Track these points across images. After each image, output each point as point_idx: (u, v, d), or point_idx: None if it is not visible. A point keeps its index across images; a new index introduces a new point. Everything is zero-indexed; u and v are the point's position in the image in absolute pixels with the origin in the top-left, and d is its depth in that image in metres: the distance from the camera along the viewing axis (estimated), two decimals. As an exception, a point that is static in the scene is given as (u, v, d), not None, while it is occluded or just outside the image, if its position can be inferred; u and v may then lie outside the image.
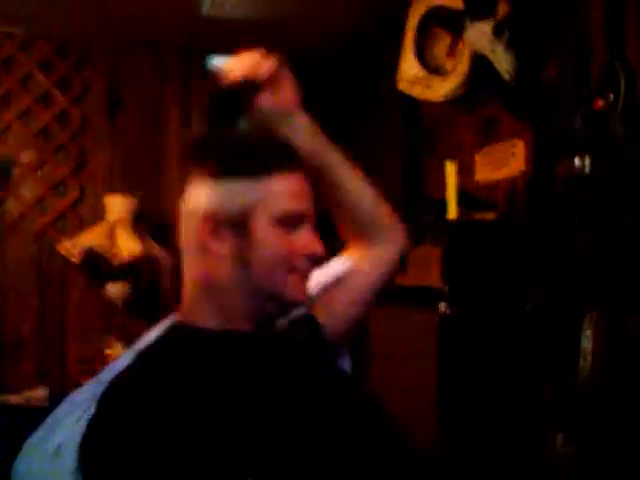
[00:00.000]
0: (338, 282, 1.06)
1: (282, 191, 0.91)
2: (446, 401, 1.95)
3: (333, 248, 1.06)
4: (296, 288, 0.93)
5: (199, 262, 0.92)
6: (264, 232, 0.89)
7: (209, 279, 0.91)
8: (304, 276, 0.94)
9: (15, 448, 1.21)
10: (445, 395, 1.94)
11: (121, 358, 0.94)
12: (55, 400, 1.01)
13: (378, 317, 2.16)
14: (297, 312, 1.01)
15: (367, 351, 2.20)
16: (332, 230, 1.07)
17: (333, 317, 1.04)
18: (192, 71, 3.31)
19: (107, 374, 0.91)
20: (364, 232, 1.08)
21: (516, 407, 1.83)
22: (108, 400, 0.83)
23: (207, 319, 0.91)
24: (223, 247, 0.89)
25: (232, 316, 0.91)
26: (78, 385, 1.03)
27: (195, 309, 0.93)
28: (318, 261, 0.95)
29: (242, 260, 0.90)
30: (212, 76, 0.97)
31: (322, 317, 1.03)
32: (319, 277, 1.05)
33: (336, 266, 1.08)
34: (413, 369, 2.04)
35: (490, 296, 1.88)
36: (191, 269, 0.93)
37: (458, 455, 1.92)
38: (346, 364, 1.09)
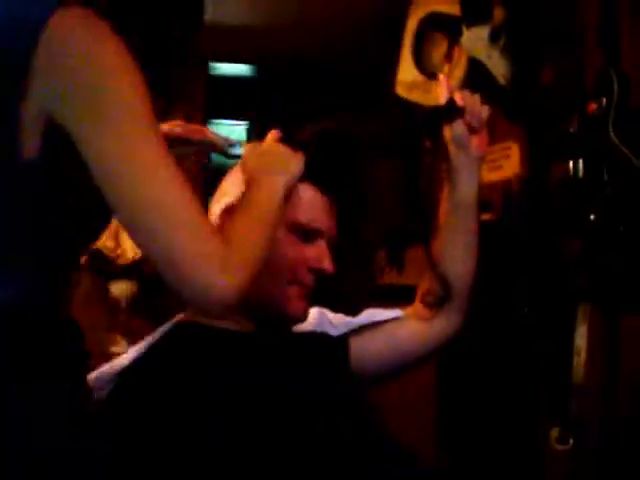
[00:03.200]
0: (384, 329, 1.05)
1: (301, 201, 0.91)
2: (445, 400, 1.97)
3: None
4: (294, 301, 0.92)
5: None
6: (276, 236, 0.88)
7: None
8: (304, 290, 0.93)
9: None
10: (444, 394, 1.97)
11: (127, 355, 0.95)
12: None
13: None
14: (334, 331, 1.02)
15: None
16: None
17: (363, 358, 1.02)
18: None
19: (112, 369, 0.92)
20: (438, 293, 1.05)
21: (513, 405, 1.85)
22: (115, 397, 0.85)
23: (213, 318, 0.90)
24: None
25: (237, 316, 0.91)
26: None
27: None
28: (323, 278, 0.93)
29: None
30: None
31: (353, 351, 1.02)
32: (368, 317, 1.05)
33: (388, 313, 1.06)
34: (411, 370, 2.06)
35: (485, 297, 1.90)
36: None
37: (457, 456, 1.95)
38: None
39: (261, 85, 3.59)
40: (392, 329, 1.05)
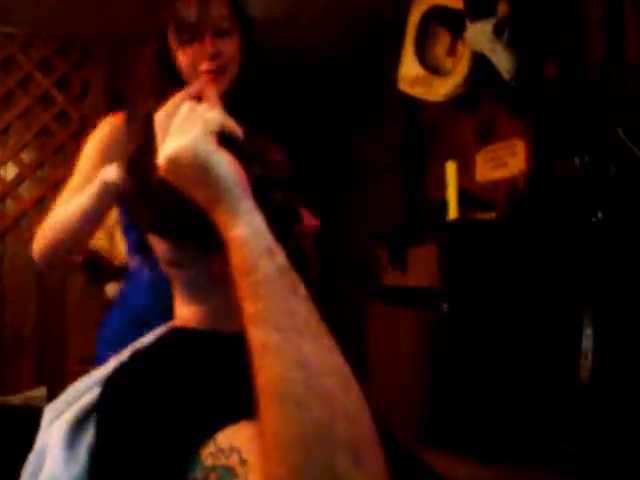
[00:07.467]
0: None
1: None
2: (443, 399, 1.95)
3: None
4: None
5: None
6: None
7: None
8: None
9: (15, 447, 1.21)
10: (442, 394, 1.95)
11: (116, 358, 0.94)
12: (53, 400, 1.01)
13: (376, 318, 2.16)
14: None
15: (365, 352, 2.20)
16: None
17: None
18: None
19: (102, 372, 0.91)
20: None
21: (516, 405, 1.83)
22: (105, 404, 0.83)
23: (198, 322, 0.90)
24: None
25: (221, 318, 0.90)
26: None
27: (184, 311, 0.91)
28: None
29: None
30: None
31: None
32: None
33: None
34: (411, 370, 2.05)
35: (489, 296, 1.88)
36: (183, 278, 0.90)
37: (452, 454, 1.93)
38: None
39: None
40: None
